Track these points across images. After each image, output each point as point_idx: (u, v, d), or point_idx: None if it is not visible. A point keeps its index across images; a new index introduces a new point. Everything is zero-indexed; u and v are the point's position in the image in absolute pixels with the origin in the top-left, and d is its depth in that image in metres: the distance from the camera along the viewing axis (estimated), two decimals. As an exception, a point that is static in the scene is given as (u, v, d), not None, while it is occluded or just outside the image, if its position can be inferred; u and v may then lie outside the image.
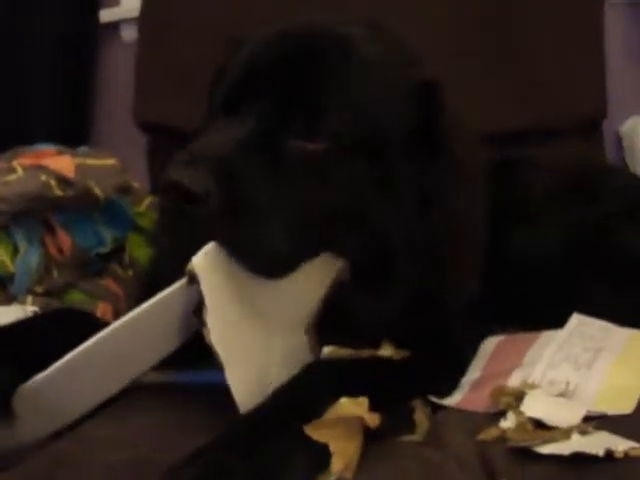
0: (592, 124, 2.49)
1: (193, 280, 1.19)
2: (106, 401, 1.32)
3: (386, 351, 1.35)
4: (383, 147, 1.37)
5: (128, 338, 1.25)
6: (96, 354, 1.24)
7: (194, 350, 1.25)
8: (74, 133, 3.06)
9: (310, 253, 1.31)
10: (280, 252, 1.25)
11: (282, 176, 1.27)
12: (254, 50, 1.41)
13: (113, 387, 1.30)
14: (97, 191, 2.04)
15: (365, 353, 1.34)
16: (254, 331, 1.27)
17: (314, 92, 1.33)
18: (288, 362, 1.30)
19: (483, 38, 2.48)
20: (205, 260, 1.19)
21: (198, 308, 1.19)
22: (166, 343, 1.30)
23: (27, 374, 1.23)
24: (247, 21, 2.39)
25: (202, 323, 1.19)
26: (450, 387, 1.42)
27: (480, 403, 1.33)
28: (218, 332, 1.19)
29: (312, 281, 1.34)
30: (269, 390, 1.22)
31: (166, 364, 1.34)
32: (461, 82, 2.41)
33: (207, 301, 1.18)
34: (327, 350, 1.33)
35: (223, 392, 1.20)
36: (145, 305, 1.25)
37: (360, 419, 1.13)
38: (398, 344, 1.37)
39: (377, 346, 1.36)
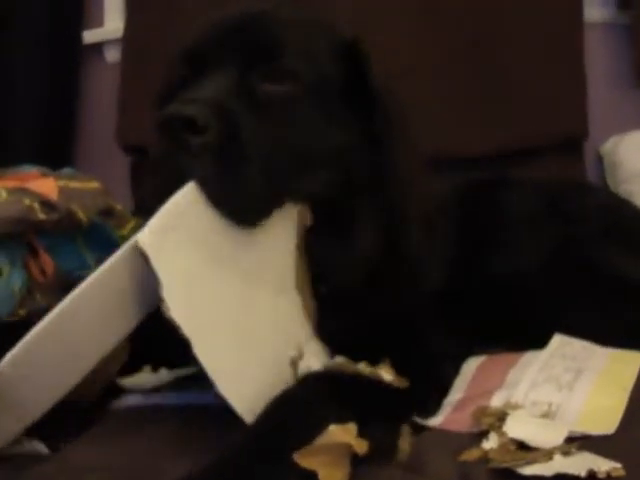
0: (573, 144, 2.51)
1: (145, 258, 1.16)
2: (90, 425, 1.31)
3: (387, 375, 1.34)
4: (331, 92, 1.46)
5: (78, 315, 1.19)
6: (50, 335, 1.18)
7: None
8: (57, 154, 3.06)
9: (282, 196, 1.34)
10: (261, 193, 1.29)
11: (260, 117, 1.33)
12: (204, 29, 1.49)
13: (76, 371, 1.24)
14: (80, 215, 2.03)
15: (366, 370, 1.33)
16: (228, 301, 1.23)
17: (271, 45, 1.42)
18: (277, 326, 1.30)
19: (464, 58, 2.49)
20: (151, 234, 1.17)
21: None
22: (124, 315, 1.25)
23: None
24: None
25: (161, 299, 1.15)
26: (433, 408, 1.42)
27: (462, 424, 1.33)
28: (179, 308, 1.15)
29: (279, 232, 1.33)
30: (255, 367, 1.21)
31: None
32: (443, 102, 2.45)
33: (159, 274, 1.14)
34: (334, 361, 1.33)
35: (209, 414, 1.20)
36: (90, 277, 1.20)
37: (348, 446, 1.13)
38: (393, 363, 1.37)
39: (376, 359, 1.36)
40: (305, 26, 1.50)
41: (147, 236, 1.16)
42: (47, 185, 2.10)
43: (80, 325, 1.19)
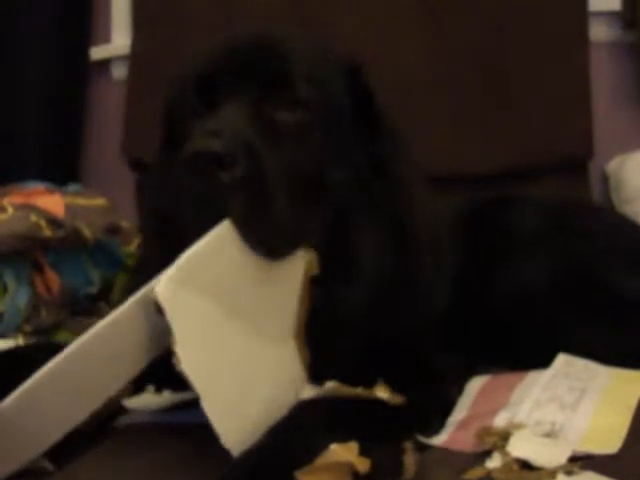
0: (579, 163, 2.51)
1: (158, 309, 1.16)
2: (95, 442, 1.31)
3: (382, 394, 1.34)
4: (341, 117, 1.48)
5: (88, 358, 1.20)
6: (58, 376, 1.18)
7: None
8: (64, 169, 3.07)
9: (305, 225, 1.35)
10: (289, 224, 1.30)
11: (278, 146, 1.34)
12: (216, 55, 1.48)
13: (83, 409, 1.24)
14: (86, 232, 2.05)
15: (361, 393, 1.34)
16: (233, 351, 1.24)
17: (283, 73, 1.43)
18: (275, 373, 1.30)
19: (470, 78, 2.50)
20: (169, 286, 1.16)
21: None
22: (133, 359, 1.25)
23: None
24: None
25: (173, 351, 1.15)
26: (436, 427, 1.42)
27: (466, 443, 1.33)
28: (190, 361, 1.15)
29: (286, 283, 1.34)
30: (256, 415, 1.21)
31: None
32: (448, 120, 2.46)
33: (174, 328, 1.15)
34: (326, 387, 1.33)
35: (211, 433, 1.19)
36: (102, 322, 1.19)
37: (350, 465, 1.13)
38: (390, 382, 1.37)
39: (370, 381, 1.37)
40: (314, 52, 1.51)
41: (164, 288, 1.16)
42: (53, 202, 2.11)
43: (90, 367, 1.20)
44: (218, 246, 1.23)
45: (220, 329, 1.22)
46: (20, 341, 1.92)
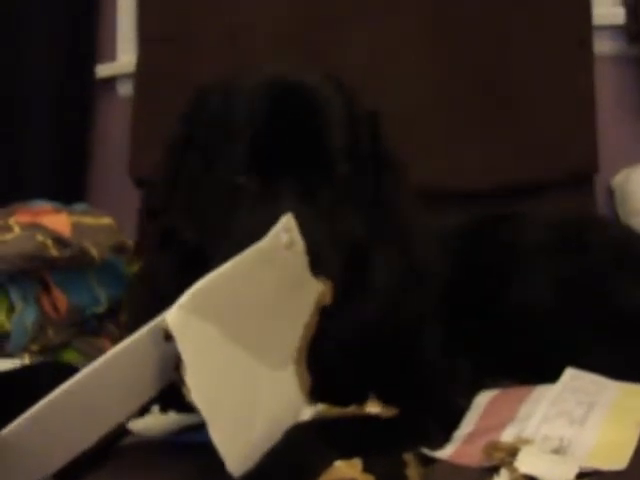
0: (584, 177, 2.50)
1: (168, 337, 1.16)
2: (102, 460, 1.32)
3: (373, 408, 1.35)
4: (362, 170, 1.53)
5: (97, 384, 1.20)
6: (69, 400, 1.18)
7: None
8: (70, 188, 3.08)
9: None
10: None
11: (323, 222, 1.41)
12: (256, 110, 1.50)
13: (90, 435, 1.25)
14: (93, 252, 2.05)
15: (353, 411, 1.34)
16: (239, 377, 1.24)
17: (327, 152, 1.48)
18: (277, 398, 1.30)
19: (472, 94, 2.50)
20: (180, 314, 1.17)
21: (177, 364, 1.16)
22: (142, 388, 1.26)
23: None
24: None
25: (182, 381, 1.15)
26: (442, 440, 1.42)
27: (473, 457, 1.33)
28: (200, 390, 1.15)
29: (295, 312, 1.35)
30: (258, 440, 1.21)
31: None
32: (453, 138, 2.46)
33: (185, 359, 1.15)
34: (316, 409, 1.34)
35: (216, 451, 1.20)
36: (116, 348, 1.20)
37: (354, 481, 1.13)
38: (385, 395, 1.38)
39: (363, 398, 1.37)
40: (347, 109, 1.54)
41: (176, 316, 1.16)
42: (60, 221, 2.11)
43: (99, 394, 1.20)
44: (230, 277, 1.24)
45: (227, 356, 1.22)
46: (27, 360, 1.92)
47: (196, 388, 1.15)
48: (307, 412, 1.34)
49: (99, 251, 2.08)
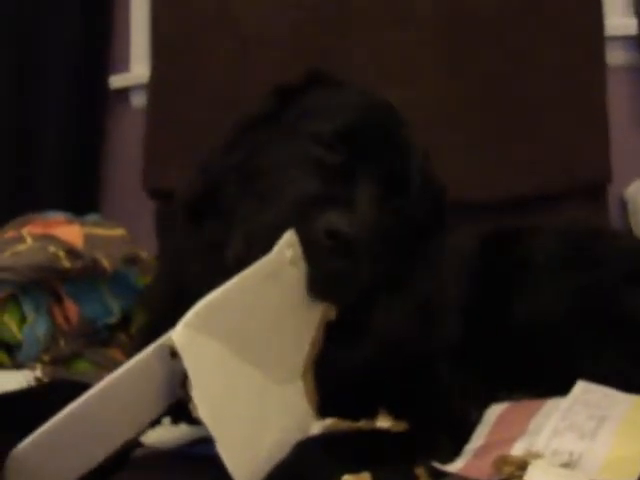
0: (596, 188, 2.49)
1: (174, 354, 1.16)
2: (112, 474, 1.32)
3: (384, 422, 1.35)
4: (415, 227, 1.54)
5: (106, 402, 1.20)
6: (77, 418, 1.19)
7: None
8: (83, 199, 3.09)
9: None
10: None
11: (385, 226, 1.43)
12: (350, 105, 1.56)
13: (99, 452, 1.25)
14: (105, 263, 2.06)
15: (363, 425, 1.34)
16: (246, 393, 1.25)
17: (408, 183, 1.51)
18: (285, 413, 1.30)
19: (485, 104, 2.50)
20: (185, 332, 1.17)
21: (183, 381, 1.17)
22: (150, 405, 1.27)
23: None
24: (254, 85, 2.41)
25: (188, 397, 1.16)
26: (453, 454, 1.41)
27: (483, 471, 1.32)
28: (206, 407, 1.16)
29: (303, 325, 1.35)
30: (266, 454, 1.22)
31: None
32: (464, 148, 2.46)
33: (191, 376, 1.16)
34: (324, 423, 1.34)
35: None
36: (124, 367, 1.20)
37: (364, 495, 1.13)
38: (395, 410, 1.38)
39: (373, 413, 1.38)
40: (422, 155, 1.58)
41: (181, 334, 1.17)
42: (72, 232, 2.12)
43: (108, 412, 1.21)
44: (235, 293, 1.24)
45: (233, 371, 1.23)
46: (38, 371, 1.93)
47: (203, 404, 1.16)
48: (316, 427, 1.34)
49: (111, 262, 2.09)
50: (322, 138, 1.48)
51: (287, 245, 1.30)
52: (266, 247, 1.28)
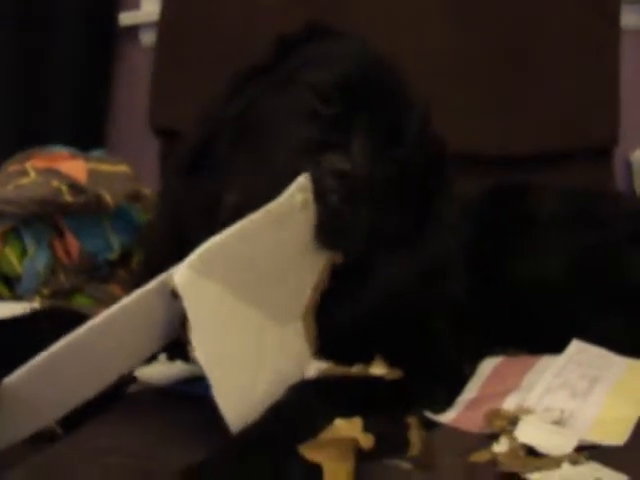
0: (603, 151, 2.48)
1: (176, 295, 1.17)
2: (104, 407, 1.33)
3: (378, 369, 1.36)
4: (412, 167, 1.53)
5: (103, 336, 1.22)
6: (74, 350, 1.20)
7: None
8: (90, 135, 3.08)
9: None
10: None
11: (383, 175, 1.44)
12: (349, 55, 1.56)
13: (95, 384, 1.27)
14: (108, 198, 2.06)
15: (358, 370, 1.35)
16: (245, 335, 1.26)
17: (401, 131, 1.51)
18: (282, 354, 1.31)
19: (495, 61, 2.48)
20: (188, 274, 1.18)
21: (182, 321, 1.18)
22: (147, 342, 1.28)
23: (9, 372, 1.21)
24: (265, 25, 2.40)
25: (187, 339, 1.17)
26: (445, 405, 1.43)
27: (474, 423, 1.34)
28: (204, 349, 1.17)
29: (307, 269, 1.36)
30: (261, 396, 1.23)
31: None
32: (473, 105, 2.45)
33: (191, 318, 1.16)
34: (320, 367, 1.35)
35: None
36: (123, 301, 1.21)
37: (354, 440, 1.14)
38: (391, 358, 1.39)
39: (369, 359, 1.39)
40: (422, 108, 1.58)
41: (183, 275, 1.18)
42: (76, 167, 2.12)
43: (105, 345, 1.22)
44: (240, 237, 1.24)
45: (233, 315, 1.24)
46: (37, 303, 1.93)
47: (200, 346, 1.17)
48: (312, 368, 1.35)
49: (114, 198, 2.08)
50: (318, 89, 1.48)
51: (299, 189, 1.30)
52: (266, 196, 1.28)
